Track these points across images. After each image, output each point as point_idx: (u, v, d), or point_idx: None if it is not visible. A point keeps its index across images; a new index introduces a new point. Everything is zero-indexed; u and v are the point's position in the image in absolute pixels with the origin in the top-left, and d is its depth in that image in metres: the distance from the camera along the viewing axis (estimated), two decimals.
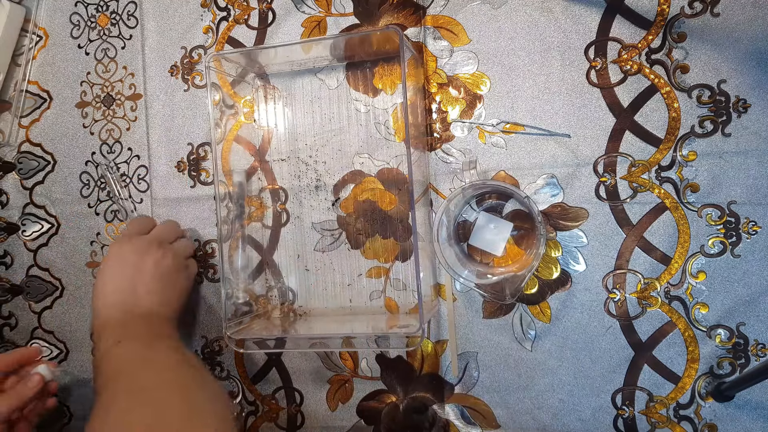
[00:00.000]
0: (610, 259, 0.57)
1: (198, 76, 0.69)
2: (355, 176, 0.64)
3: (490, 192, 0.59)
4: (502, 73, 0.59)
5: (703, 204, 0.54)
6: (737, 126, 0.53)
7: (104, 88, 0.73)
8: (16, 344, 0.77)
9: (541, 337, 0.59)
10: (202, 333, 0.70)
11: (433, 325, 0.62)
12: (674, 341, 0.55)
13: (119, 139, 0.72)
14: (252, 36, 0.67)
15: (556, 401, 0.59)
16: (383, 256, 0.63)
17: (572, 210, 0.58)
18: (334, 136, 0.64)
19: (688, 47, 0.54)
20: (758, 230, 0.53)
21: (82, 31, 0.74)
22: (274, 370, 0.67)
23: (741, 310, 0.54)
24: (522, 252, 0.59)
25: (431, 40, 0.61)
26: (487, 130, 0.60)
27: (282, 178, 0.67)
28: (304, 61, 0.64)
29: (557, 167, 0.58)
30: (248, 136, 0.68)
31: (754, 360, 0.54)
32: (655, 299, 0.56)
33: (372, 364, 0.64)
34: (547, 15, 0.58)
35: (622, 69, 0.56)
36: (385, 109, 0.63)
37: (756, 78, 0.53)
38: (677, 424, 0.56)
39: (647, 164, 0.55)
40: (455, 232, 0.61)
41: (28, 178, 0.76)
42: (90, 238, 0.73)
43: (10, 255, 0.77)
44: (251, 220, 0.67)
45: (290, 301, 0.67)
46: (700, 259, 0.55)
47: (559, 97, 0.58)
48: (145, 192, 0.71)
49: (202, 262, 0.69)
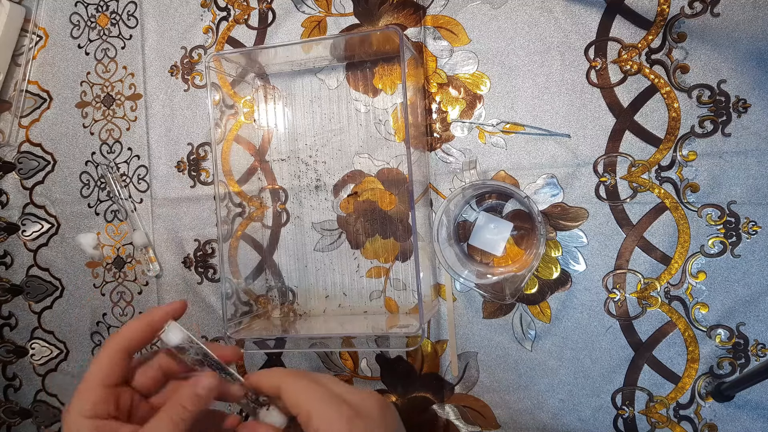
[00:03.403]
0: (610, 259, 0.57)
1: (198, 76, 0.69)
2: (355, 176, 0.64)
3: (490, 192, 0.59)
4: (502, 73, 0.59)
5: (703, 204, 0.54)
6: (737, 126, 0.53)
7: (104, 88, 0.73)
8: (16, 344, 0.77)
9: (541, 337, 0.59)
10: (202, 333, 0.70)
11: (433, 325, 0.62)
12: (674, 341, 0.55)
13: (119, 139, 0.72)
14: (252, 36, 0.67)
15: (556, 401, 0.59)
16: (383, 256, 0.63)
17: (572, 210, 0.58)
18: (334, 136, 0.64)
19: (688, 47, 0.54)
20: (758, 230, 0.53)
21: (82, 31, 0.74)
22: None
23: (741, 310, 0.54)
24: (522, 252, 0.59)
25: (431, 40, 0.61)
26: (487, 130, 0.60)
27: (282, 178, 0.67)
28: (304, 61, 0.64)
29: (557, 167, 0.58)
30: (248, 136, 0.68)
31: (754, 360, 0.54)
32: (655, 299, 0.56)
33: (372, 364, 0.64)
34: (547, 15, 0.58)
35: (622, 69, 0.56)
36: (385, 109, 0.63)
37: (756, 78, 0.53)
38: (677, 424, 0.55)
39: (647, 164, 0.55)
40: (455, 232, 0.61)
41: (28, 178, 0.76)
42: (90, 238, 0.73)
43: (10, 255, 0.77)
44: (250, 221, 0.67)
45: (290, 301, 0.67)
46: (700, 259, 0.55)
47: (559, 97, 0.58)
48: (145, 192, 0.71)
49: (202, 262, 0.69)
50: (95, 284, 0.74)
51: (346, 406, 0.35)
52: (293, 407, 0.36)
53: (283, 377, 0.37)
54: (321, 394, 0.36)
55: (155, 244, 0.71)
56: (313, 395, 0.36)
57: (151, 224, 0.71)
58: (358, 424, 0.35)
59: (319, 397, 0.36)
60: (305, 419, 0.35)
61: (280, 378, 0.37)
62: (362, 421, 0.35)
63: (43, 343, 0.76)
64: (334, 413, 0.35)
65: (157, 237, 0.71)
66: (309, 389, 0.36)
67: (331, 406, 0.35)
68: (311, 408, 0.35)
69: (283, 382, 0.37)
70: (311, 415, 0.35)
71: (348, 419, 0.34)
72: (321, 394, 0.36)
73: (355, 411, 0.35)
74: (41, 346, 0.76)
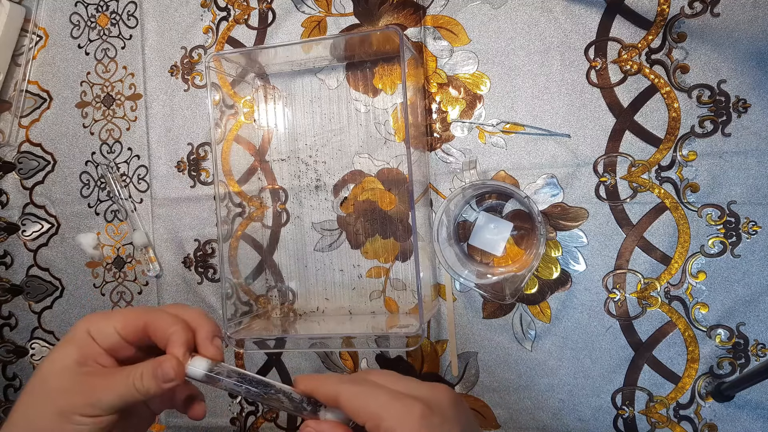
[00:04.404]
0: (610, 259, 0.57)
1: (198, 76, 0.69)
2: (355, 176, 0.64)
3: (490, 192, 0.59)
4: (502, 73, 0.59)
5: (703, 204, 0.54)
6: (737, 126, 0.53)
7: (104, 88, 0.73)
8: (16, 344, 0.77)
9: (541, 337, 0.59)
10: None
11: (433, 325, 0.62)
12: (674, 341, 0.55)
13: (119, 139, 0.72)
14: (252, 36, 0.67)
15: (556, 401, 0.59)
16: (383, 256, 0.63)
17: (572, 210, 0.58)
18: (334, 136, 0.64)
19: (688, 47, 0.54)
20: (758, 230, 0.53)
21: (82, 31, 0.74)
22: (274, 370, 0.67)
23: (741, 310, 0.54)
24: (522, 252, 0.59)
25: (431, 40, 0.61)
26: (487, 130, 0.60)
27: (282, 178, 0.67)
28: (304, 61, 0.64)
29: (557, 167, 0.58)
30: (248, 136, 0.68)
31: (754, 360, 0.54)
32: (655, 299, 0.56)
33: (372, 364, 0.64)
34: (547, 15, 0.58)
35: (622, 69, 0.56)
36: (385, 109, 0.63)
37: (756, 78, 0.53)
38: (677, 424, 0.55)
39: (647, 164, 0.55)
40: (455, 232, 0.61)
41: (28, 178, 0.76)
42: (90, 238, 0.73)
43: (10, 255, 0.77)
44: (250, 221, 0.67)
45: (290, 301, 0.67)
46: (700, 259, 0.55)
47: (559, 97, 0.58)
48: (145, 192, 0.71)
49: (202, 262, 0.69)
50: (95, 284, 0.74)
51: (416, 402, 0.32)
52: (357, 416, 0.33)
53: (340, 385, 0.34)
54: (386, 395, 0.33)
55: (155, 244, 0.71)
56: (378, 398, 0.33)
57: (151, 224, 0.71)
58: (433, 420, 0.32)
59: (385, 399, 0.33)
60: (374, 424, 0.32)
61: (337, 387, 0.34)
62: (435, 416, 0.32)
63: (43, 343, 0.76)
64: (404, 412, 0.32)
65: (157, 237, 0.71)
66: (371, 393, 0.34)
67: (400, 405, 0.32)
68: (379, 411, 0.32)
69: (341, 391, 0.34)
70: (380, 418, 0.32)
71: (420, 416, 0.32)
72: (386, 395, 0.33)
73: (426, 406, 0.32)
74: (41, 346, 0.76)
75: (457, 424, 0.33)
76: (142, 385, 0.34)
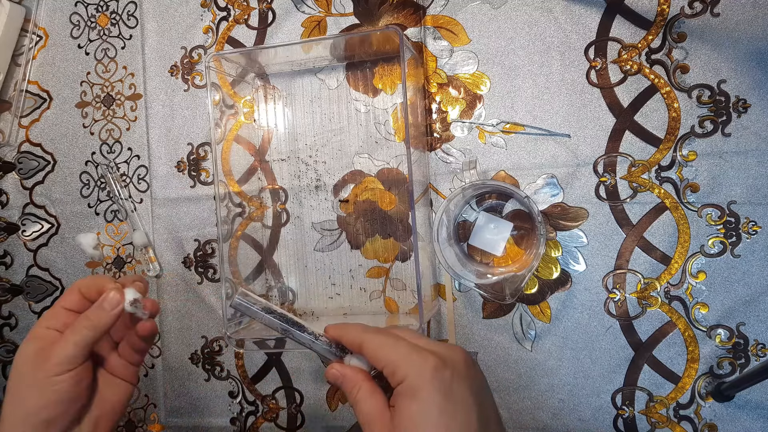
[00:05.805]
0: (610, 259, 0.57)
1: (198, 76, 0.69)
2: (355, 176, 0.64)
3: (490, 192, 0.59)
4: (502, 73, 0.59)
5: (703, 204, 0.54)
6: (737, 126, 0.53)
7: (104, 88, 0.73)
8: (16, 344, 0.77)
9: (541, 337, 0.59)
10: (202, 333, 0.70)
11: (433, 325, 0.62)
12: (674, 341, 0.55)
13: (119, 139, 0.72)
14: (252, 36, 0.67)
15: (556, 401, 0.59)
16: (383, 256, 0.63)
17: (572, 210, 0.58)
18: (334, 136, 0.64)
19: (688, 47, 0.54)
20: (758, 230, 0.53)
21: (82, 31, 0.74)
22: (274, 370, 0.67)
23: (741, 310, 0.54)
24: (522, 252, 0.59)
25: (431, 40, 0.61)
26: (487, 130, 0.60)
27: (282, 178, 0.67)
28: (304, 61, 0.64)
29: (557, 167, 0.58)
30: (248, 136, 0.68)
31: (754, 360, 0.54)
32: (655, 299, 0.56)
33: None
34: (547, 15, 0.58)
35: (622, 69, 0.56)
36: (385, 109, 0.63)
37: (756, 78, 0.53)
38: (677, 424, 0.55)
39: (647, 164, 0.55)
40: (455, 232, 0.61)
41: (28, 178, 0.76)
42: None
43: (10, 255, 0.77)
44: (250, 221, 0.67)
45: (290, 301, 0.67)
46: (700, 259, 0.55)
47: (559, 97, 0.58)
48: (145, 192, 0.71)
49: (202, 262, 0.69)
50: None
51: (431, 356, 0.35)
52: (377, 362, 0.36)
53: (364, 334, 0.38)
54: (405, 347, 0.36)
55: (155, 244, 0.71)
56: (397, 348, 0.36)
57: (151, 224, 0.71)
58: (445, 372, 0.34)
59: (404, 350, 0.35)
60: (391, 371, 0.35)
61: (361, 334, 0.38)
62: (448, 370, 0.34)
63: None
64: (419, 362, 0.34)
65: (157, 237, 0.71)
66: (391, 343, 0.36)
67: (416, 356, 0.35)
68: (397, 359, 0.35)
69: (365, 339, 0.37)
70: (397, 365, 0.35)
71: (434, 368, 0.34)
72: (405, 346, 0.36)
73: (440, 360, 0.35)
74: None
75: (466, 380, 0.35)
76: (96, 321, 0.40)
